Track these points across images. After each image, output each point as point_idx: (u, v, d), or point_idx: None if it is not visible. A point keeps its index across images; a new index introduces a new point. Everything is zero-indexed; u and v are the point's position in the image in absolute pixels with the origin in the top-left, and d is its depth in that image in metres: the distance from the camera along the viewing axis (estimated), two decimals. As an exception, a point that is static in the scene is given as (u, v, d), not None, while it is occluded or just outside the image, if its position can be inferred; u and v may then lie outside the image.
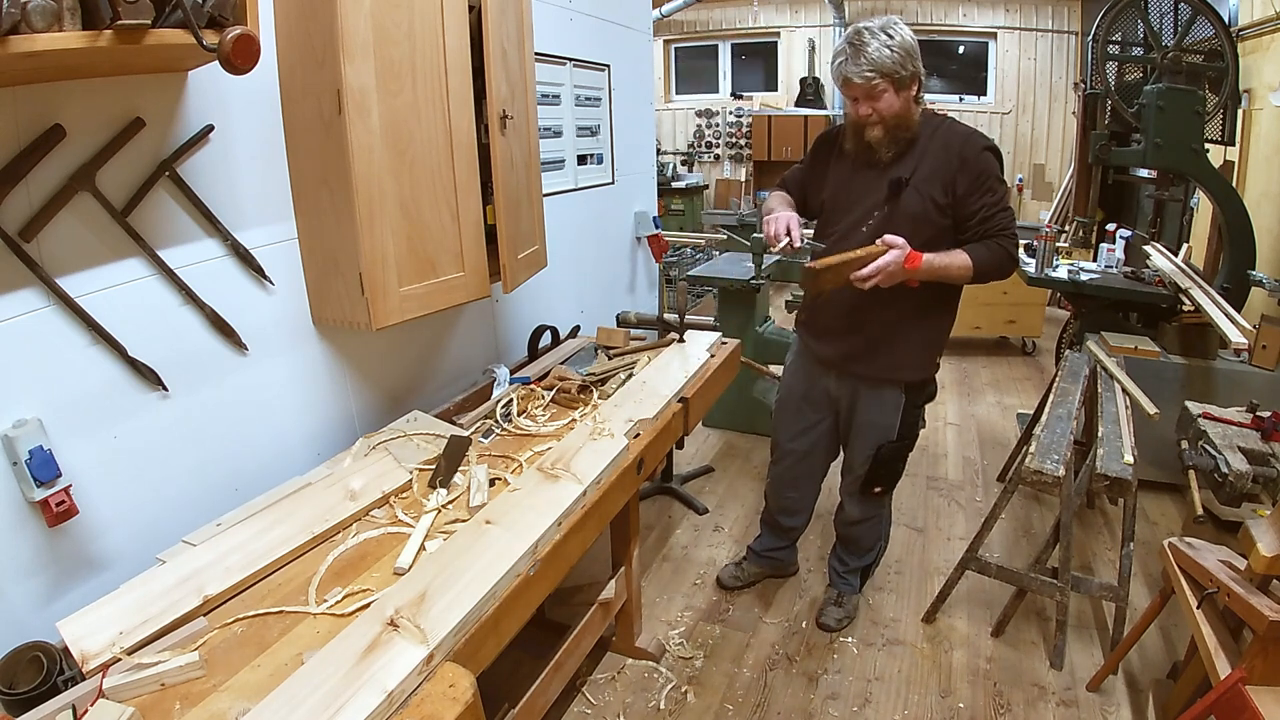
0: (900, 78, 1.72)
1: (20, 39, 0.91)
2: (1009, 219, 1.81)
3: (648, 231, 3.56)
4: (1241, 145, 3.96)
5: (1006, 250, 1.80)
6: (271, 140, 1.59)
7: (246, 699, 0.99)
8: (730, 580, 2.51)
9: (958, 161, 1.78)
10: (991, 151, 1.82)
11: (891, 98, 1.74)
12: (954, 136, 1.82)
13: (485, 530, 1.33)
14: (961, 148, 1.80)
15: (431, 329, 2.16)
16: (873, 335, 1.96)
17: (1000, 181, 1.82)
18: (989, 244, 1.80)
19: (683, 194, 7.54)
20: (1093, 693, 2.02)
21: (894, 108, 1.76)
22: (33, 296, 1.21)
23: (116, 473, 1.36)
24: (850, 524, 2.28)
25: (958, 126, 1.86)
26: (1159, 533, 2.79)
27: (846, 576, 2.36)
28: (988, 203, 1.79)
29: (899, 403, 2.03)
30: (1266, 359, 2.79)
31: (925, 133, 1.84)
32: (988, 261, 1.78)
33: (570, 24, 2.77)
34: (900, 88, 1.74)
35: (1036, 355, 5.12)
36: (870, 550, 2.35)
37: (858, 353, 1.99)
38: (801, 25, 7.77)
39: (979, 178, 1.79)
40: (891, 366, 1.99)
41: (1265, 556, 1.38)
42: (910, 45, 1.72)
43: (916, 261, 1.72)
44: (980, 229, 1.81)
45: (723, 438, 3.69)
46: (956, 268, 1.78)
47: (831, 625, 2.28)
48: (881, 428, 2.05)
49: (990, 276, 1.81)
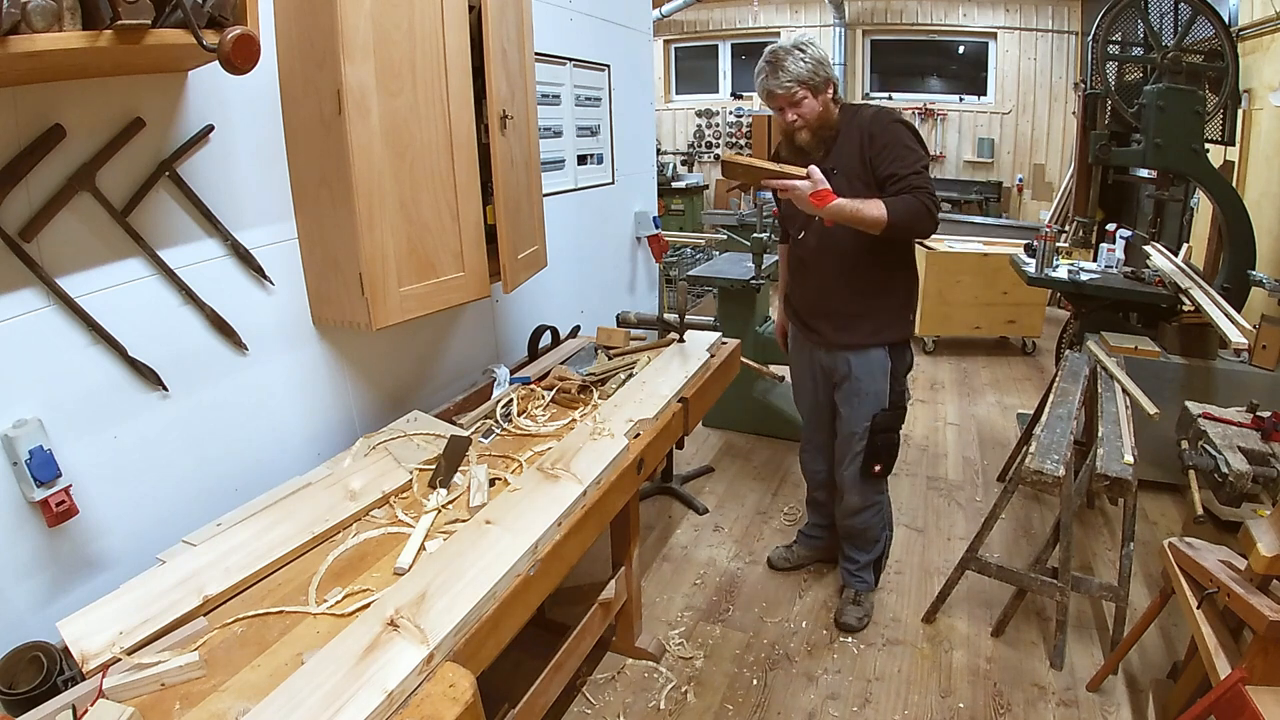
0: (815, 84, 1.92)
1: (20, 39, 0.91)
2: (922, 179, 1.87)
3: (648, 231, 3.56)
4: (1241, 145, 3.96)
5: (922, 203, 1.84)
6: (271, 140, 1.59)
7: (246, 699, 0.99)
8: (780, 561, 2.61)
9: (867, 137, 1.94)
10: (903, 124, 1.96)
11: (811, 102, 1.94)
12: (863, 118, 1.98)
13: (485, 530, 1.33)
14: (870, 124, 1.95)
15: (431, 329, 2.16)
16: (850, 309, 2.10)
17: (910, 149, 1.91)
18: (904, 197, 1.85)
19: (683, 194, 7.54)
20: (1093, 693, 2.02)
21: (815, 110, 1.95)
22: (33, 296, 1.21)
23: (116, 473, 1.36)
24: (852, 514, 2.29)
25: (868, 109, 2.01)
26: (1159, 533, 2.79)
27: (860, 574, 2.37)
28: (898, 166, 1.88)
29: (886, 367, 2.12)
30: (1266, 359, 2.79)
31: (843, 123, 2.00)
32: (901, 211, 1.83)
33: (570, 24, 2.77)
34: (817, 92, 1.94)
35: (1036, 355, 5.12)
36: (876, 541, 2.36)
37: (839, 325, 2.13)
38: (801, 25, 7.78)
39: (887, 145, 1.91)
40: (872, 331, 2.11)
41: (1265, 556, 1.38)
42: (820, 57, 1.93)
43: (826, 199, 1.82)
44: (895, 188, 1.88)
45: (723, 438, 3.69)
46: (868, 211, 1.83)
47: (853, 625, 2.29)
48: (874, 395, 2.13)
49: (907, 227, 1.87)
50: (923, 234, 1.93)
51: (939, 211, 1.90)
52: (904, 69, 7.90)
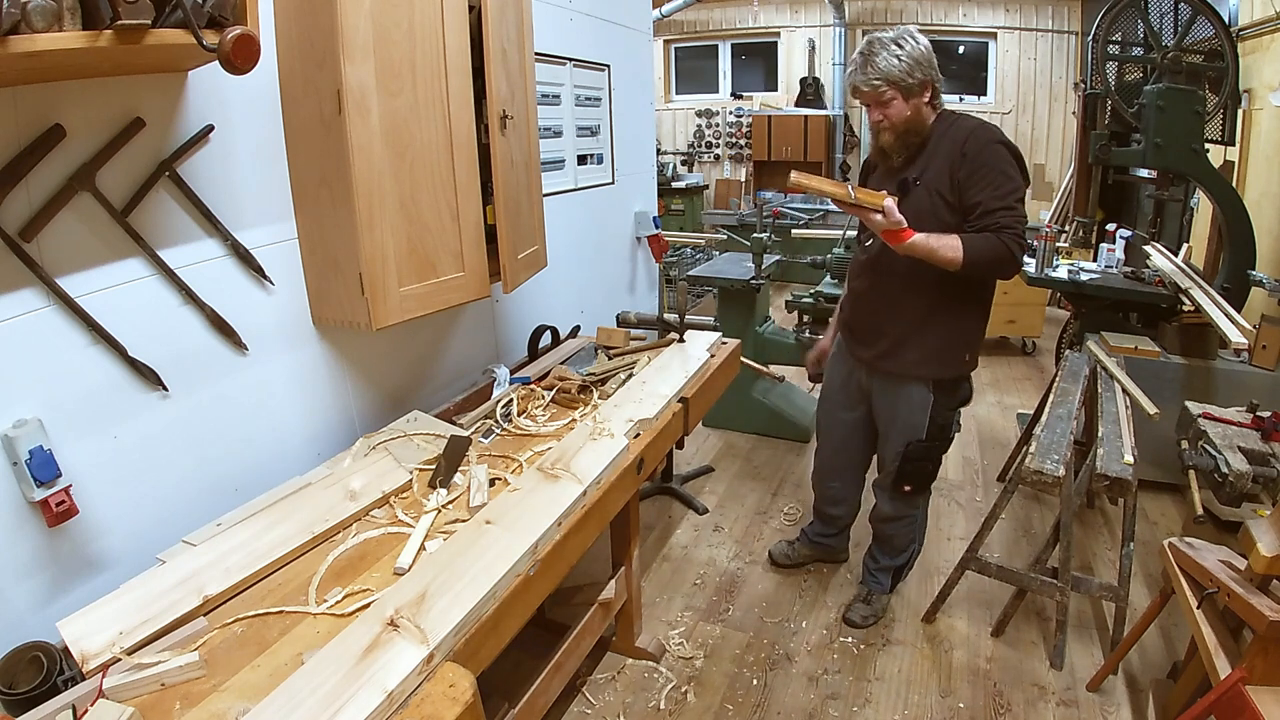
0: (908, 85, 1.77)
1: (20, 39, 0.91)
2: (1013, 218, 1.74)
3: (648, 231, 3.56)
4: (1241, 145, 3.96)
5: (1006, 245, 1.73)
6: (271, 140, 1.59)
7: (246, 699, 0.99)
8: (781, 558, 2.59)
9: (960, 155, 1.78)
10: (1004, 146, 1.79)
11: (900, 104, 1.80)
12: (961, 131, 1.81)
13: (485, 530, 1.33)
14: (966, 141, 1.79)
15: (431, 329, 2.16)
16: (898, 333, 1.98)
17: (1006, 176, 1.76)
18: (988, 236, 1.74)
19: (683, 194, 7.54)
20: (1093, 693, 2.02)
21: (903, 114, 1.81)
22: (33, 296, 1.21)
23: (116, 473, 1.36)
24: (882, 520, 2.28)
25: (967, 121, 1.84)
26: (1159, 533, 2.79)
27: (877, 574, 2.36)
28: (988, 196, 1.75)
29: (927, 402, 2.01)
30: (1266, 359, 2.79)
31: (937, 132, 1.85)
32: (981, 252, 1.73)
33: (570, 24, 2.77)
34: (909, 95, 1.79)
35: (1036, 355, 5.12)
36: (903, 551, 2.34)
37: (885, 350, 2.02)
38: (801, 25, 7.78)
39: (980, 169, 1.76)
40: (916, 363, 1.98)
41: (1265, 556, 1.38)
42: (919, 55, 1.77)
43: (901, 238, 1.74)
44: (979, 223, 1.76)
45: (723, 438, 3.69)
46: (944, 250, 1.74)
47: (856, 622, 2.29)
48: (909, 426, 2.05)
49: (985, 269, 1.78)
50: (1003, 277, 1.83)
51: (1024, 254, 1.78)
52: (904, 69, 7.88)
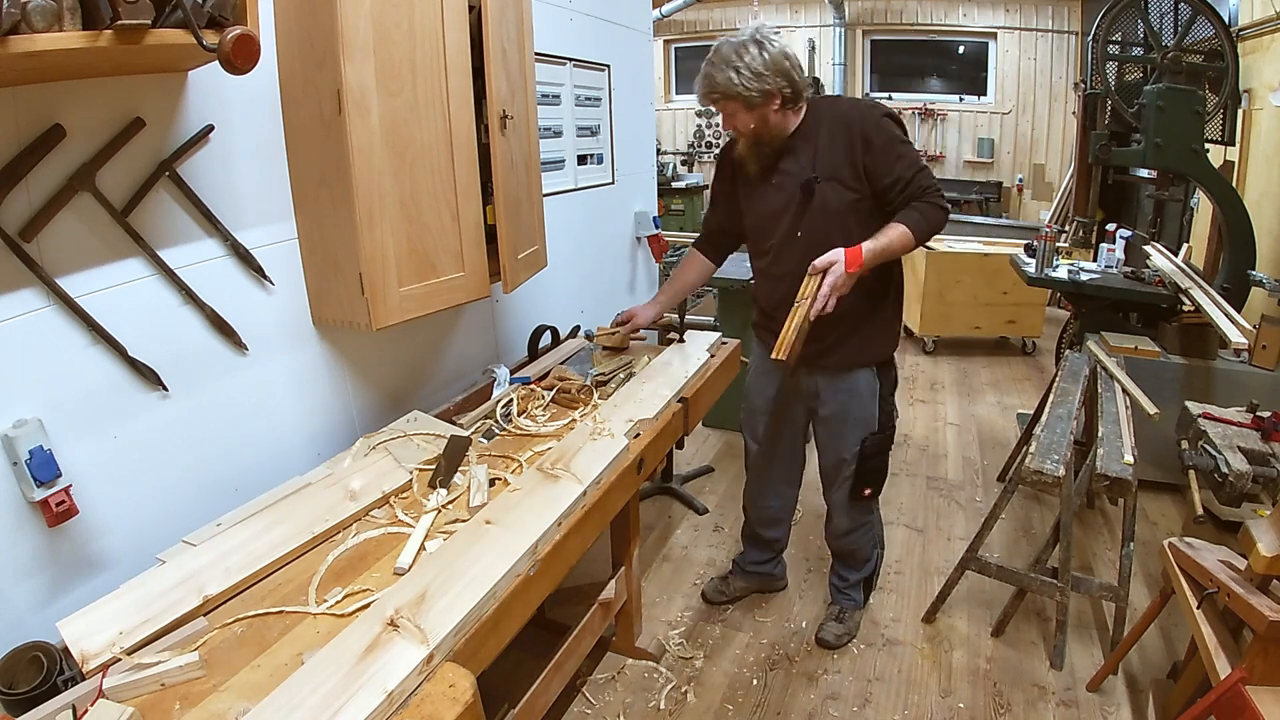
0: (749, 99, 1.71)
1: (20, 39, 0.91)
2: (928, 176, 1.77)
3: (648, 231, 3.56)
4: (1241, 145, 3.96)
5: (936, 205, 1.76)
6: (271, 140, 1.59)
7: (246, 699, 0.99)
8: (715, 595, 2.44)
9: (860, 142, 1.76)
10: (889, 118, 1.80)
11: (744, 116, 1.76)
12: (844, 115, 1.80)
13: (485, 530, 1.33)
14: (860, 126, 1.77)
15: (431, 329, 2.16)
16: (846, 325, 1.90)
17: (906, 144, 1.79)
18: (918, 206, 1.76)
19: (683, 194, 7.54)
20: (1093, 693, 2.02)
21: (749, 124, 1.77)
22: (33, 296, 1.21)
23: (116, 473, 1.36)
24: (842, 536, 2.22)
25: (842, 104, 1.85)
26: (1159, 533, 2.79)
27: (848, 592, 2.30)
28: (901, 169, 1.76)
29: (874, 389, 2.00)
30: (1266, 359, 2.79)
31: (814, 122, 1.82)
32: (923, 223, 1.75)
33: (570, 24, 2.77)
34: (750, 107, 1.73)
35: (1036, 355, 5.12)
36: (868, 560, 2.29)
37: (831, 344, 1.93)
38: (801, 25, 7.78)
39: (884, 149, 1.76)
40: (860, 348, 1.97)
41: (1265, 556, 1.38)
42: (762, 65, 1.68)
43: (858, 259, 1.69)
44: (903, 196, 1.77)
45: (723, 438, 3.69)
46: (897, 243, 1.74)
47: (830, 641, 2.21)
48: (862, 420, 2.02)
49: (930, 235, 1.80)
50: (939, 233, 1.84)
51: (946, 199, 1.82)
52: (904, 69, 7.90)
